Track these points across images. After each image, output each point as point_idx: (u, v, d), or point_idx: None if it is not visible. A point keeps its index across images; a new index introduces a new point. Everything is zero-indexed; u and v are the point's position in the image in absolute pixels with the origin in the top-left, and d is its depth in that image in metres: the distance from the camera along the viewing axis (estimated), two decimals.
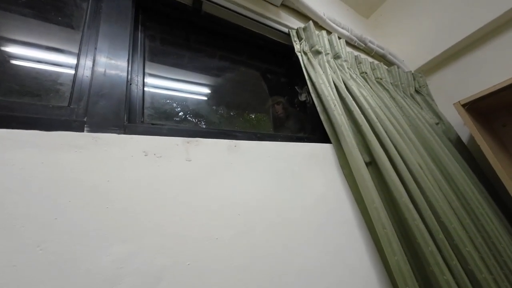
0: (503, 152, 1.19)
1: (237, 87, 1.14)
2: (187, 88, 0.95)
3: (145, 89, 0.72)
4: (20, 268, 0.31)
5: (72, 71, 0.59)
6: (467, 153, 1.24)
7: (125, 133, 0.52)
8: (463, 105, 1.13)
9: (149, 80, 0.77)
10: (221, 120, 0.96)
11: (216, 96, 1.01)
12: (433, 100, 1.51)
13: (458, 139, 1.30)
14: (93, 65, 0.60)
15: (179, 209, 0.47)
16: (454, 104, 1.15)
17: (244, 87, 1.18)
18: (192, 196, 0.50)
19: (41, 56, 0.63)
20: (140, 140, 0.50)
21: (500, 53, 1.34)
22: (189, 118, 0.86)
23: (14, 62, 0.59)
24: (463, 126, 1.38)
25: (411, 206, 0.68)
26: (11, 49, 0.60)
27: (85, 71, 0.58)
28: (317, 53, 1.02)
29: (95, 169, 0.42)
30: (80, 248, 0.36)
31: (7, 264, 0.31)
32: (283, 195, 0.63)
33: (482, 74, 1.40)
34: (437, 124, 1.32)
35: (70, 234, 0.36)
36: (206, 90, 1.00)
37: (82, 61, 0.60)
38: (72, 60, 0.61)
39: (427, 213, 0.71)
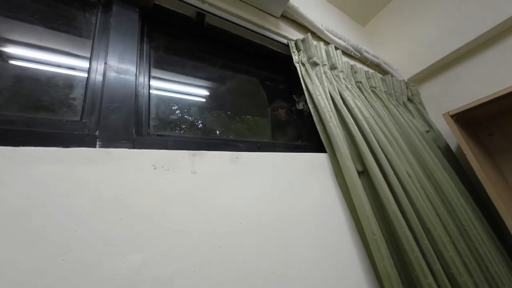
0: (489, 160, 1.26)
1: (237, 93, 1.18)
2: (190, 94, 0.98)
3: (150, 99, 0.75)
4: (47, 276, 0.35)
5: (84, 84, 0.62)
6: (455, 161, 1.31)
7: (133, 146, 0.56)
8: (452, 116, 1.19)
9: (154, 91, 0.80)
10: (222, 123, 1.00)
11: (216, 102, 1.05)
12: (424, 108, 1.58)
13: (447, 147, 1.37)
14: (103, 78, 0.63)
15: (185, 219, 0.51)
16: (443, 114, 1.21)
17: (243, 94, 1.21)
18: (197, 207, 0.54)
19: (53, 69, 0.65)
20: (149, 154, 0.54)
21: (489, 65, 1.40)
22: (191, 123, 0.90)
23: (24, 75, 0.62)
24: (452, 134, 1.45)
25: (399, 213, 0.73)
26: (23, 63, 0.63)
27: (96, 85, 0.62)
28: (315, 64, 1.06)
29: (109, 182, 0.46)
30: (99, 256, 0.40)
31: (35, 272, 0.35)
32: (282, 203, 0.68)
33: (471, 86, 1.46)
34: (427, 132, 1.38)
35: (88, 244, 0.40)
36: (208, 97, 1.03)
37: (92, 74, 0.63)
38: (83, 74, 0.64)
39: (414, 220, 0.76)
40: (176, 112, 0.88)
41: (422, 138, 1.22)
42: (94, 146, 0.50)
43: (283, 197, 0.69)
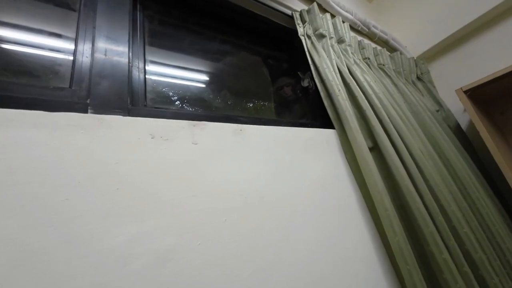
0: (501, 139, 1.21)
1: (238, 75, 1.12)
2: (187, 70, 0.92)
3: (147, 68, 0.70)
4: (34, 247, 0.31)
5: (71, 50, 0.57)
6: (465, 140, 1.26)
7: (129, 115, 0.51)
8: (465, 92, 1.13)
9: (149, 62, 0.74)
10: (223, 100, 0.95)
11: (217, 76, 0.99)
12: (434, 87, 1.51)
13: (457, 126, 1.31)
14: (93, 44, 0.57)
15: (187, 191, 0.47)
16: (456, 90, 1.15)
17: (244, 75, 1.15)
18: (199, 179, 0.50)
19: (38, 38, 0.60)
20: (146, 122, 0.49)
21: (502, 40, 1.32)
22: (190, 100, 0.85)
23: (8, 45, 0.56)
24: (462, 113, 1.39)
25: (413, 189, 0.70)
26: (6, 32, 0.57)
27: (85, 51, 0.56)
28: (321, 36, 0.99)
29: (102, 150, 0.41)
30: (93, 227, 0.36)
31: (21, 243, 0.31)
32: (287, 178, 0.64)
33: (482, 62, 1.39)
34: (437, 111, 1.32)
35: (81, 214, 0.36)
36: (206, 73, 0.97)
37: (80, 40, 0.57)
38: (71, 40, 0.59)
39: (428, 196, 0.72)
40: (173, 87, 0.83)
41: (432, 116, 1.16)
42: (85, 113, 0.45)
43: (288, 171, 0.65)
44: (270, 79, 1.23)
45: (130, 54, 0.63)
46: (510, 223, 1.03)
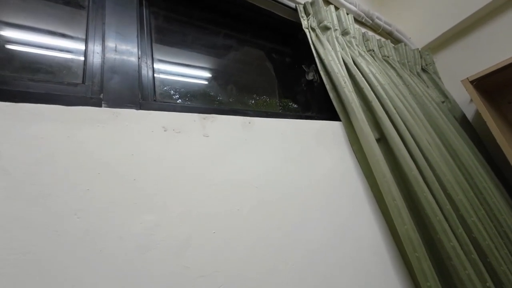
0: (508, 129, 1.20)
1: (243, 66, 1.12)
2: (193, 66, 0.93)
3: (154, 64, 0.71)
4: (61, 234, 0.33)
5: (83, 46, 0.58)
6: (472, 130, 1.26)
7: (141, 109, 0.52)
8: (471, 82, 1.12)
9: (157, 58, 0.75)
10: (230, 94, 0.95)
11: (222, 72, 1.00)
12: (439, 78, 1.50)
13: (463, 117, 1.31)
14: (103, 40, 0.58)
15: (201, 182, 0.48)
16: (462, 81, 1.15)
17: (250, 66, 1.15)
18: (212, 170, 0.51)
19: (49, 37, 0.61)
20: (158, 116, 0.50)
21: (507, 30, 1.30)
22: (197, 95, 0.86)
23: (20, 47, 0.58)
24: (468, 104, 1.38)
25: (420, 179, 0.70)
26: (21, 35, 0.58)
27: (96, 47, 0.57)
28: (326, 29, 0.99)
29: (119, 143, 0.43)
30: (113, 216, 0.37)
31: (48, 229, 0.32)
32: (296, 169, 0.65)
33: (488, 52, 1.37)
34: (443, 102, 1.32)
35: (102, 203, 0.37)
36: (212, 68, 0.98)
37: (91, 36, 0.58)
38: (81, 36, 0.60)
39: (435, 186, 0.73)
40: (181, 83, 0.84)
41: (438, 108, 1.16)
42: (100, 107, 0.47)
43: (297, 162, 0.66)
44: (274, 73, 1.23)
45: (139, 50, 0.64)
46: None
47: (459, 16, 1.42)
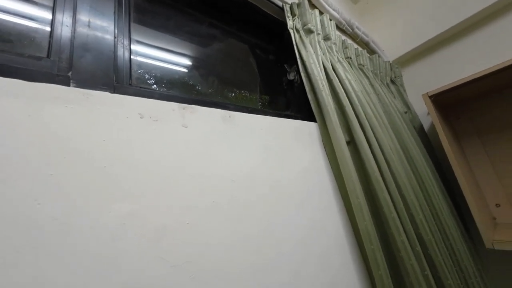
0: (455, 141, 1.38)
1: (227, 58, 1.10)
2: (174, 52, 0.89)
3: (132, 48, 0.66)
4: (20, 222, 0.30)
5: (49, 17, 0.52)
6: (426, 140, 1.42)
7: (115, 93, 0.49)
8: (430, 97, 1.26)
9: (135, 39, 0.71)
10: (211, 85, 0.94)
11: (204, 61, 0.97)
12: (405, 90, 1.65)
13: (421, 127, 1.47)
14: (74, 12, 0.53)
15: (177, 172, 0.48)
16: (422, 95, 1.28)
17: (233, 59, 1.14)
18: (189, 161, 0.50)
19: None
20: (135, 101, 0.48)
21: (466, 51, 1.48)
22: (177, 83, 0.83)
23: None
24: (426, 116, 1.55)
25: (380, 180, 0.78)
26: None
27: (65, 19, 0.52)
28: (309, 32, 1.02)
29: (89, 127, 0.40)
30: (80, 204, 0.35)
31: (4, 216, 0.30)
32: (272, 166, 0.67)
33: (448, 71, 1.55)
34: (405, 113, 1.46)
35: (68, 190, 0.35)
36: (193, 56, 0.95)
37: (59, 5, 0.53)
38: (47, 3, 0.53)
39: (392, 186, 0.82)
40: (160, 68, 0.80)
41: (401, 117, 1.28)
42: (68, 86, 0.43)
43: (274, 160, 0.68)
44: (256, 69, 1.23)
45: (116, 28, 0.59)
46: (454, 212, 1.20)
47: (426, 35, 1.57)
